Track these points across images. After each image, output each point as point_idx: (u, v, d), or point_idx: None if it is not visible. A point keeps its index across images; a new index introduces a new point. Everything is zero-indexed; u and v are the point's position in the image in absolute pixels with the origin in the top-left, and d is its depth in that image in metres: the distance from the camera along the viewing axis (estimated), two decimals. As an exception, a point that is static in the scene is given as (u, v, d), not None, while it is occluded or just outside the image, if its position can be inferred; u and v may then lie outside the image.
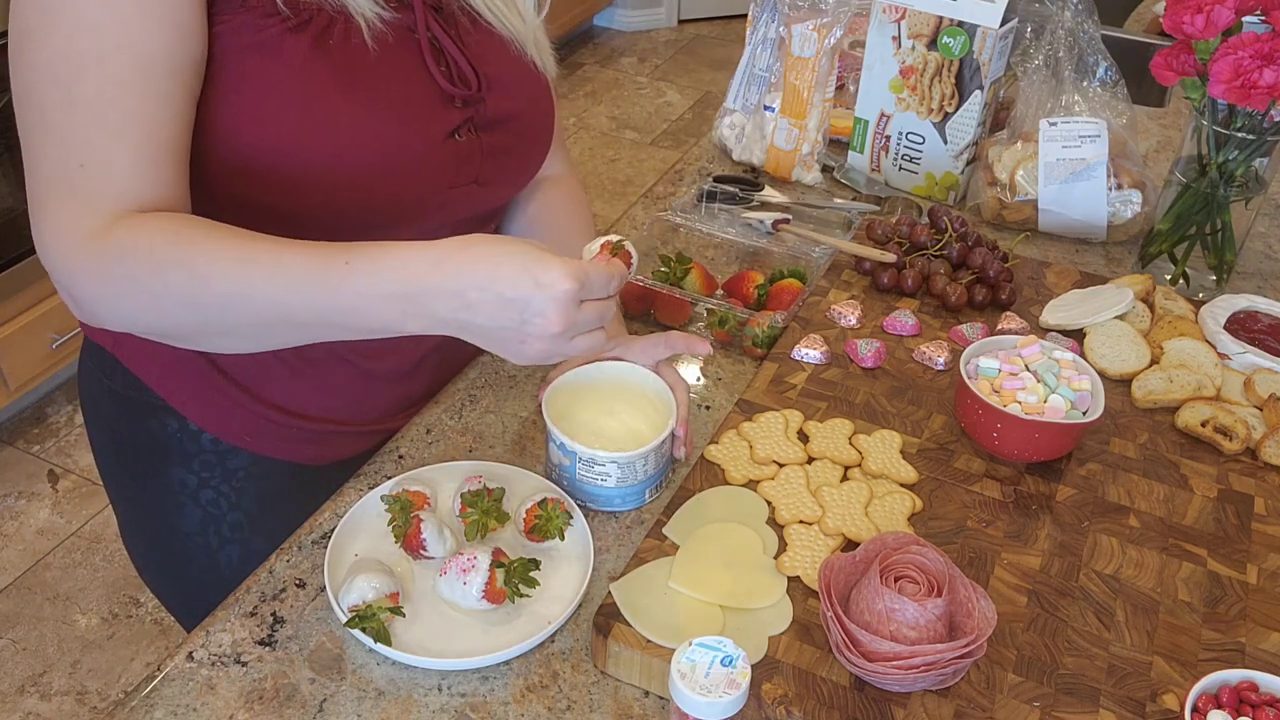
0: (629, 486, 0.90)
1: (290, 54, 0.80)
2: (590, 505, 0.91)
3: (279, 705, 0.76)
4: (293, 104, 0.81)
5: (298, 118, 0.81)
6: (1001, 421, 0.92)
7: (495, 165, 0.96)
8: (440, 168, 0.90)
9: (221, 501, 1.02)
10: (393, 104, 0.85)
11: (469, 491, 0.87)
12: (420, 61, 0.87)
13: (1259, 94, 1.05)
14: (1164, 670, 0.77)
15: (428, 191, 0.90)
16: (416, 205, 0.90)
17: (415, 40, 0.87)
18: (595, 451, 0.87)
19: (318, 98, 0.82)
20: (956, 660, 0.73)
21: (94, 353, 1.01)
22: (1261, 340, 1.08)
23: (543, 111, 1.01)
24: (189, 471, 1.00)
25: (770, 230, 1.29)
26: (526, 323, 0.72)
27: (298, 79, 0.81)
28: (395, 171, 0.87)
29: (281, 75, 0.81)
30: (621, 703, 0.77)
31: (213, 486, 1.01)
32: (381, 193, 0.87)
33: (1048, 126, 1.28)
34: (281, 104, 0.81)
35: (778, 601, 0.81)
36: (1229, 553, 0.87)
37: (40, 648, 2.03)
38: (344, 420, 1.02)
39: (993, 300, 1.15)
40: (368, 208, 0.87)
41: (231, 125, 0.81)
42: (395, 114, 0.85)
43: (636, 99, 4.11)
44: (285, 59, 0.80)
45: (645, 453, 0.89)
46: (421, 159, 0.88)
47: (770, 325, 1.08)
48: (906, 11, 1.30)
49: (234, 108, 0.81)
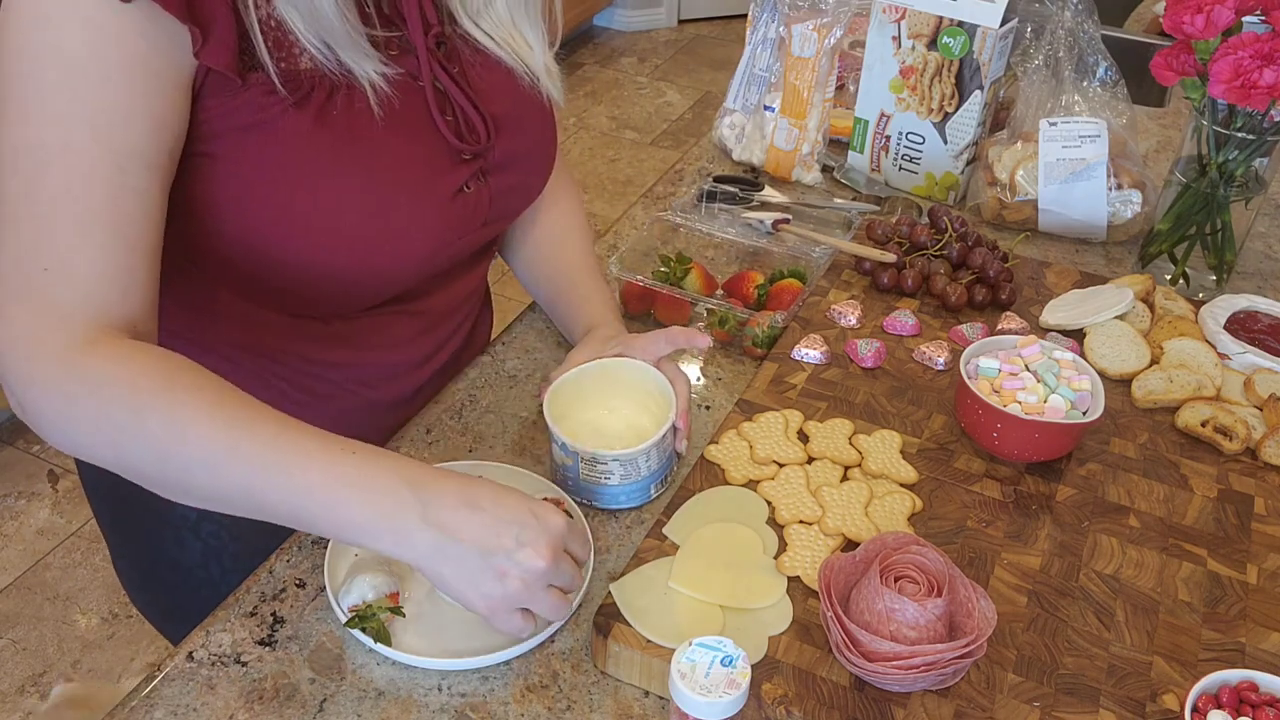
0: (632, 483, 0.90)
1: (291, 132, 0.78)
2: (596, 504, 0.91)
3: (279, 705, 0.76)
4: (294, 183, 0.79)
5: (299, 197, 0.79)
6: (1001, 421, 0.92)
7: (503, 205, 0.96)
8: (449, 224, 0.89)
9: (222, 534, 1.01)
10: (400, 169, 0.84)
11: None
12: (427, 116, 0.85)
13: (1259, 94, 1.05)
14: (1164, 670, 0.77)
15: (437, 247, 0.89)
16: (424, 260, 0.89)
17: (420, 90, 0.85)
18: (596, 451, 0.87)
19: (320, 176, 0.79)
20: (956, 660, 0.73)
21: None
22: (1261, 340, 1.08)
23: (548, 140, 1.01)
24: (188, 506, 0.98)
25: (770, 230, 1.29)
26: (517, 550, 0.71)
27: (298, 158, 0.78)
28: (402, 236, 0.85)
29: (281, 154, 0.78)
30: (621, 703, 0.77)
31: (214, 519, 1.00)
32: (391, 255, 0.86)
33: (1048, 126, 1.28)
34: (282, 183, 0.79)
35: (778, 601, 0.81)
36: (1229, 553, 0.87)
37: (40, 648, 2.03)
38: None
39: (993, 300, 1.15)
40: (376, 269, 0.86)
41: (229, 204, 0.79)
42: (402, 181, 0.84)
43: (636, 99, 4.11)
44: (285, 138, 0.78)
45: (646, 449, 0.88)
46: (430, 217, 0.87)
47: (770, 325, 1.08)
48: (906, 11, 1.30)
49: (232, 188, 0.79)
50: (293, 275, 0.84)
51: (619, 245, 1.27)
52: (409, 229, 0.85)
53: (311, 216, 0.80)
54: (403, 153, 0.84)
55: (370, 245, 0.83)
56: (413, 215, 0.85)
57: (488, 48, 0.91)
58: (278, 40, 0.77)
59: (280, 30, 0.76)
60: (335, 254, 0.83)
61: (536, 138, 0.98)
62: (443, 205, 0.87)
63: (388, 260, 0.86)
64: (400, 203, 0.84)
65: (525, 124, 0.95)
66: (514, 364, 1.09)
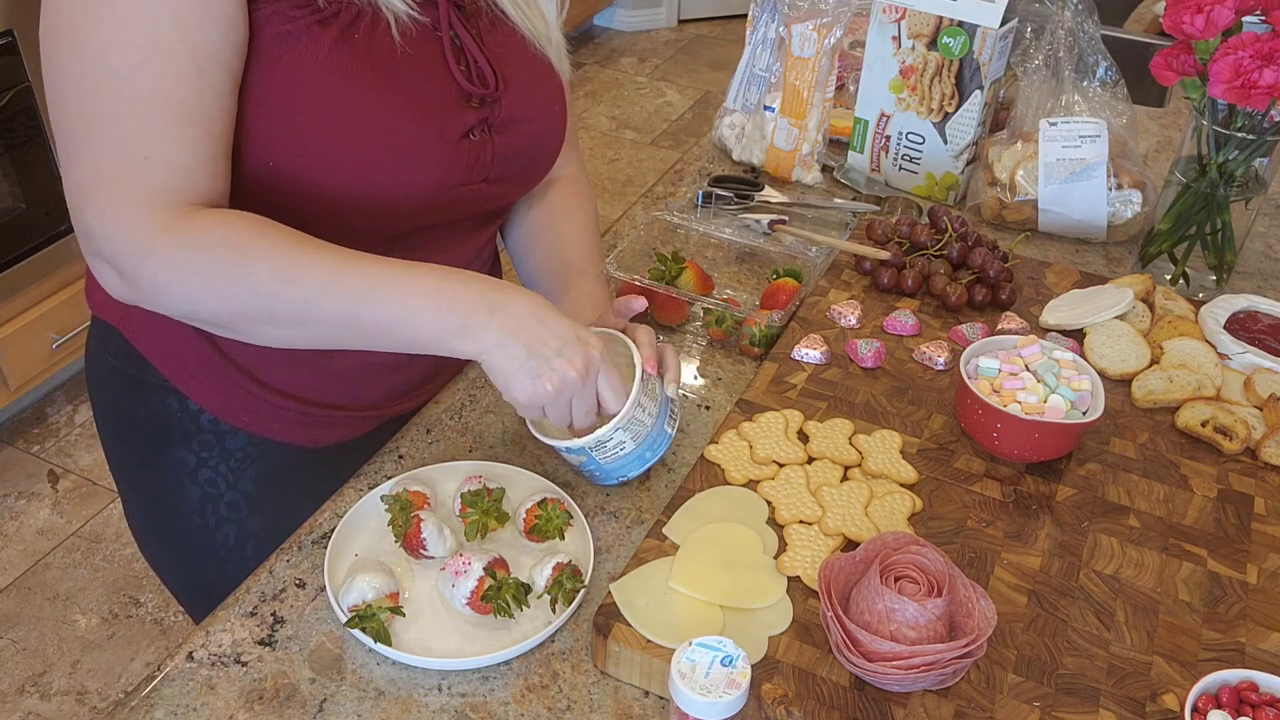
0: (646, 439, 0.89)
1: (316, 45, 0.82)
2: (630, 475, 0.91)
3: (279, 705, 0.76)
4: (316, 92, 0.82)
5: (321, 106, 0.83)
6: (1001, 421, 0.92)
7: (506, 165, 0.97)
8: (453, 165, 0.91)
9: (219, 481, 1.03)
10: (413, 99, 0.86)
11: (469, 491, 0.87)
12: (442, 60, 0.89)
13: (1259, 94, 1.05)
14: (1164, 670, 0.77)
15: (439, 188, 0.91)
16: (427, 199, 0.91)
17: (438, 38, 0.88)
18: (598, 432, 0.86)
19: (341, 88, 0.83)
20: (956, 660, 0.73)
21: (100, 330, 1.02)
22: (1261, 340, 1.08)
23: (556, 114, 1.02)
24: (188, 451, 1.01)
25: (767, 230, 1.29)
26: (555, 358, 0.81)
27: (322, 69, 0.82)
28: (410, 164, 0.88)
29: (308, 64, 0.82)
30: (621, 703, 0.77)
31: (210, 466, 1.02)
32: (394, 185, 0.88)
33: (1048, 126, 1.28)
34: (306, 91, 0.82)
35: (778, 601, 0.81)
36: (1229, 553, 0.87)
37: (40, 648, 2.03)
38: (342, 405, 1.03)
39: (993, 300, 1.15)
40: (380, 198, 0.88)
41: (257, 108, 0.83)
42: (414, 109, 0.86)
43: (636, 99, 4.11)
44: (312, 49, 0.81)
45: (635, 399, 0.86)
46: (436, 155, 0.89)
47: (767, 324, 1.08)
48: (906, 11, 1.30)
49: (260, 93, 0.82)
50: (300, 197, 0.86)
51: (617, 245, 1.27)
52: (415, 160, 0.88)
53: (321, 134, 0.83)
54: (416, 85, 0.87)
55: (376, 169, 0.86)
56: (419, 147, 0.88)
57: (507, 13, 0.94)
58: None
59: None
60: (342, 174, 0.85)
61: (545, 102, 1.00)
62: (449, 145, 0.90)
63: (391, 186, 0.88)
64: (408, 131, 0.86)
65: (534, 90, 0.97)
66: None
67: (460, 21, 0.90)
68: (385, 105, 0.85)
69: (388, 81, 0.85)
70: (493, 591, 0.79)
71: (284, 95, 0.82)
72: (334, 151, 0.84)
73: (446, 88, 0.89)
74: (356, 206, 0.88)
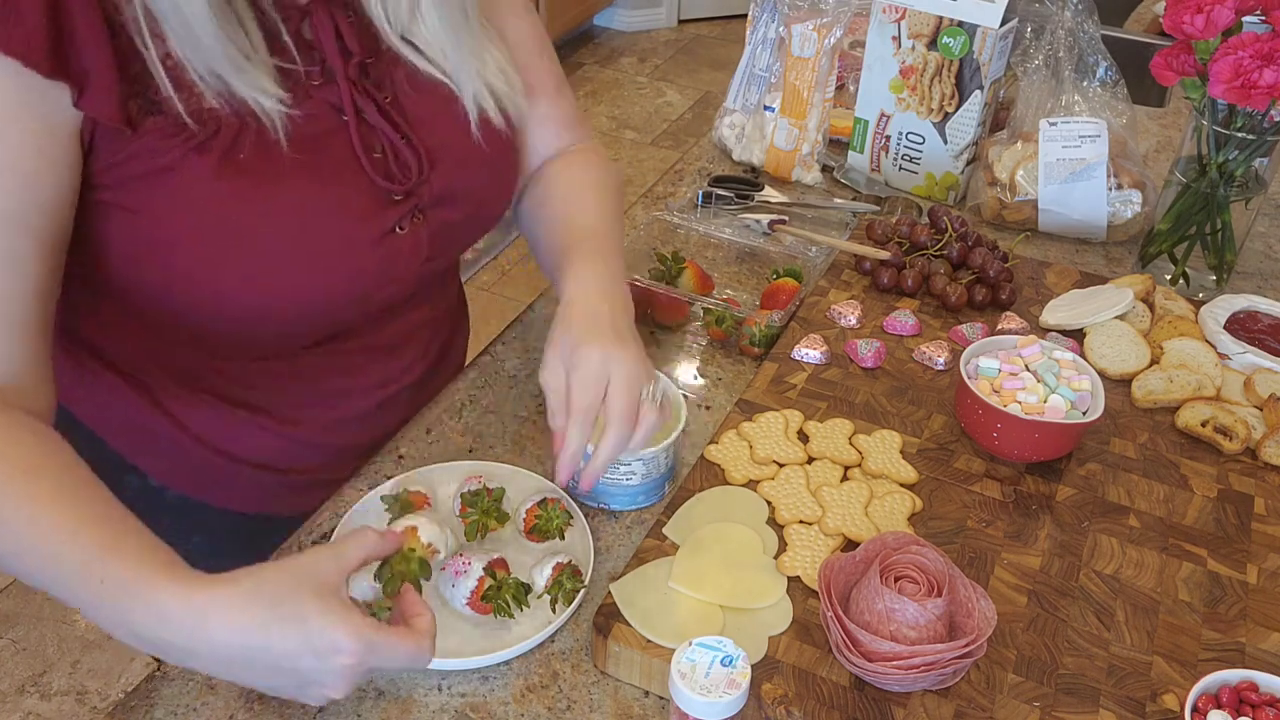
0: (651, 481, 0.90)
1: (193, 178, 0.73)
2: (612, 506, 0.91)
3: (279, 705, 0.76)
4: (206, 225, 0.75)
5: (215, 240, 0.75)
6: (1001, 421, 0.92)
7: (446, 240, 0.89)
8: (380, 267, 0.83)
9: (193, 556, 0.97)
10: (316, 216, 0.78)
11: (469, 491, 0.87)
12: (352, 154, 0.80)
13: (1259, 94, 1.05)
14: (1164, 670, 0.77)
15: (366, 290, 0.84)
16: (352, 304, 0.85)
17: (345, 127, 0.80)
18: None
19: (226, 224, 0.75)
20: (956, 660, 0.73)
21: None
22: (1261, 340, 1.08)
23: (500, 171, 0.92)
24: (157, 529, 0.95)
25: (767, 230, 1.29)
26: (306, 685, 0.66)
27: (201, 206, 0.74)
28: (321, 285, 0.81)
29: (184, 202, 0.74)
30: (621, 703, 0.77)
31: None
32: (314, 307, 0.82)
33: (1048, 126, 1.28)
34: (185, 233, 0.74)
35: (778, 601, 0.81)
36: (1229, 553, 0.87)
37: (40, 648, 2.03)
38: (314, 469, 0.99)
39: (993, 300, 1.15)
40: (302, 322, 0.83)
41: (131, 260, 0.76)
42: (318, 228, 0.78)
43: (636, 99, 4.11)
44: (187, 184, 0.73)
45: (667, 446, 0.89)
46: (357, 263, 0.81)
47: (767, 324, 1.08)
48: (906, 11, 1.30)
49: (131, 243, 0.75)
50: (212, 325, 0.81)
51: (619, 245, 1.27)
52: (328, 277, 0.80)
53: (219, 268, 0.76)
54: (320, 197, 0.78)
55: (285, 295, 0.79)
56: (332, 263, 0.80)
57: (421, 69, 0.84)
58: (178, 79, 0.72)
59: (180, 68, 0.72)
60: (249, 305, 0.78)
61: (484, 169, 0.90)
62: (369, 249, 0.82)
63: (307, 308, 0.81)
64: (317, 251, 0.79)
65: (468, 156, 0.88)
66: (514, 364, 1.09)
67: (370, 96, 0.80)
68: (284, 230, 0.77)
69: (283, 202, 0.77)
70: (493, 591, 0.79)
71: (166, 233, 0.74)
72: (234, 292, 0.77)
73: (360, 188, 0.80)
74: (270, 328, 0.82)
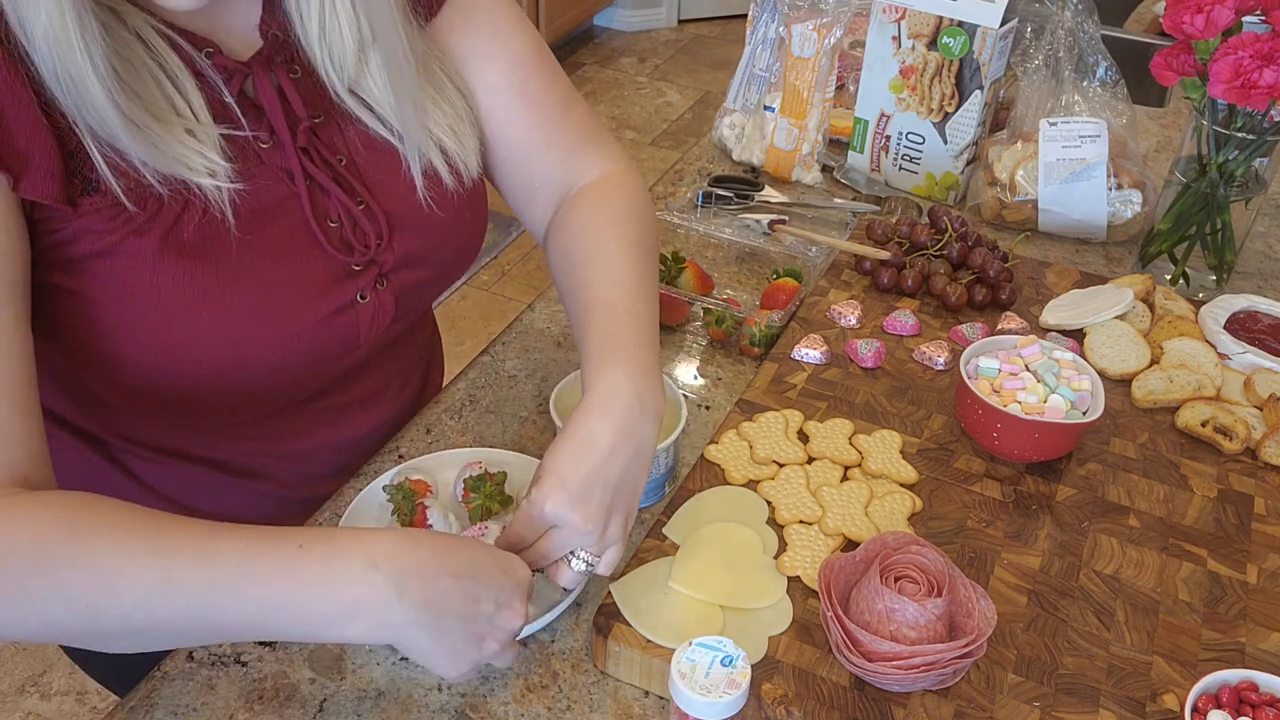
0: (651, 481, 0.90)
1: (134, 259, 0.71)
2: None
3: (279, 705, 0.76)
4: (144, 319, 0.72)
5: (152, 334, 0.73)
6: (1001, 421, 0.92)
7: (411, 301, 0.86)
8: (343, 334, 0.81)
9: None
10: (273, 295, 0.76)
11: (471, 477, 0.88)
12: (304, 225, 0.77)
13: (1259, 94, 1.05)
14: (1164, 670, 0.77)
15: (327, 358, 0.82)
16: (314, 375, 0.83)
17: (296, 197, 0.77)
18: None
19: (172, 307, 0.72)
20: (956, 660, 0.73)
21: None
22: (1261, 340, 1.08)
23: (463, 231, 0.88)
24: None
25: (767, 230, 1.29)
26: (496, 613, 0.68)
27: (144, 287, 0.71)
28: (285, 361, 0.78)
29: (127, 284, 0.71)
30: (621, 703, 0.77)
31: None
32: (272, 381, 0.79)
33: (1048, 126, 1.28)
34: (129, 319, 0.72)
35: (778, 601, 0.81)
36: (1229, 553, 0.87)
37: (40, 648, 2.03)
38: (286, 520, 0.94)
39: (993, 300, 1.15)
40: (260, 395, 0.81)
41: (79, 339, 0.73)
42: (276, 306, 0.76)
43: (636, 99, 4.11)
44: (130, 267, 0.71)
45: (668, 445, 0.89)
46: (317, 333, 0.79)
47: (767, 324, 1.08)
48: (906, 11, 1.30)
49: (77, 324, 0.73)
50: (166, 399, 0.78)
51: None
52: (286, 351, 0.78)
53: (167, 349, 0.73)
54: (273, 275, 0.76)
55: (241, 371, 0.77)
56: (288, 338, 0.77)
57: (371, 127, 0.81)
58: (113, 163, 0.69)
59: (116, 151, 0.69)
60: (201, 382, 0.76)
61: (446, 231, 0.86)
62: (328, 321, 0.79)
63: (264, 381, 0.79)
64: (273, 328, 0.76)
65: (429, 217, 0.84)
66: (514, 364, 1.09)
67: (322, 160, 0.77)
68: (232, 311, 0.74)
69: (240, 278, 0.74)
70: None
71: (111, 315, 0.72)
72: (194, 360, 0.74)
73: (316, 263, 0.78)
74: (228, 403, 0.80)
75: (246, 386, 0.79)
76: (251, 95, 0.76)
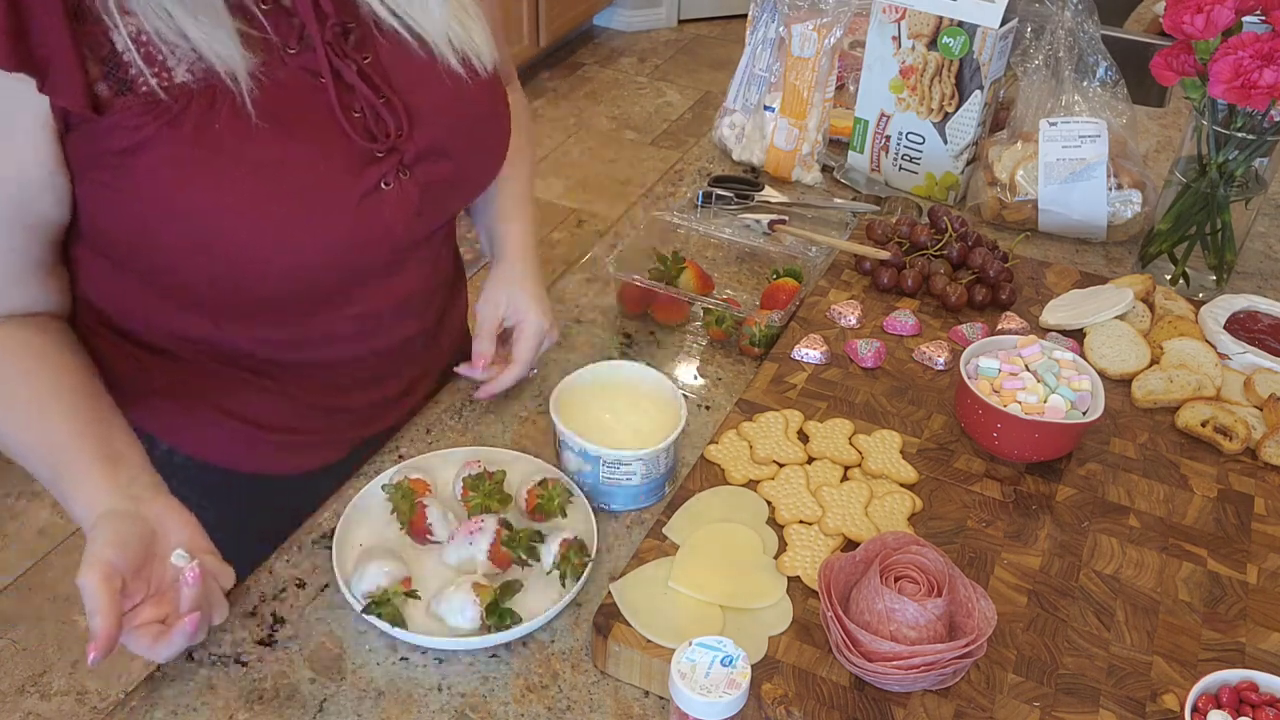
0: (651, 481, 0.90)
1: (169, 151, 0.75)
2: (612, 506, 0.91)
3: (279, 705, 0.76)
4: (179, 208, 0.77)
5: (186, 222, 0.77)
6: (1001, 421, 0.92)
7: (437, 196, 0.90)
8: (369, 223, 0.85)
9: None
10: (298, 174, 0.80)
11: (470, 475, 0.88)
12: (329, 113, 0.81)
13: (1259, 94, 1.05)
14: (1164, 670, 0.77)
15: (351, 246, 0.85)
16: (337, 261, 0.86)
17: (323, 89, 0.81)
18: (620, 452, 0.87)
19: (205, 190, 0.77)
20: (956, 660, 0.73)
21: None
22: (1261, 340, 1.08)
23: (487, 123, 0.94)
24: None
25: (767, 230, 1.29)
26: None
27: (179, 176, 0.76)
28: (318, 245, 0.83)
29: (163, 175, 0.76)
30: (621, 703, 0.77)
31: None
32: (310, 267, 0.83)
33: (1048, 126, 1.28)
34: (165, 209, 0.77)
35: (778, 601, 0.81)
36: (1229, 553, 0.87)
37: (40, 648, 2.03)
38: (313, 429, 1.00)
39: (993, 300, 1.15)
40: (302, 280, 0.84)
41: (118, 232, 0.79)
42: (302, 186, 0.80)
43: (636, 99, 4.11)
44: (164, 157, 0.75)
45: (668, 445, 0.89)
46: (335, 224, 0.83)
47: (767, 324, 1.08)
48: (906, 11, 1.30)
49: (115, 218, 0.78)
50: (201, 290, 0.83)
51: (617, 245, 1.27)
52: (310, 236, 0.82)
53: (201, 236, 0.78)
54: (297, 156, 0.80)
55: (268, 255, 0.81)
56: (313, 222, 0.81)
57: (402, 32, 0.85)
58: (149, 56, 0.74)
59: (150, 44, 0.73)
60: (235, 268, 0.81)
61: (469, 119, 0.91)
62: (353, 205, 0.83)
63: (304, 274, 0.83)
64: (301, 209, 0.80)
65: (452, 113, 0.89)
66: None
67: (348, 56, 0.82)
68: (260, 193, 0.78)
69: (261, 172, 0.78)
70: (509, 540, 0.82)
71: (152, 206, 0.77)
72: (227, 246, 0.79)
73: (339, 148, 0.82)
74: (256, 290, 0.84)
75: (284, 276, 0.83)
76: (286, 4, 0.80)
